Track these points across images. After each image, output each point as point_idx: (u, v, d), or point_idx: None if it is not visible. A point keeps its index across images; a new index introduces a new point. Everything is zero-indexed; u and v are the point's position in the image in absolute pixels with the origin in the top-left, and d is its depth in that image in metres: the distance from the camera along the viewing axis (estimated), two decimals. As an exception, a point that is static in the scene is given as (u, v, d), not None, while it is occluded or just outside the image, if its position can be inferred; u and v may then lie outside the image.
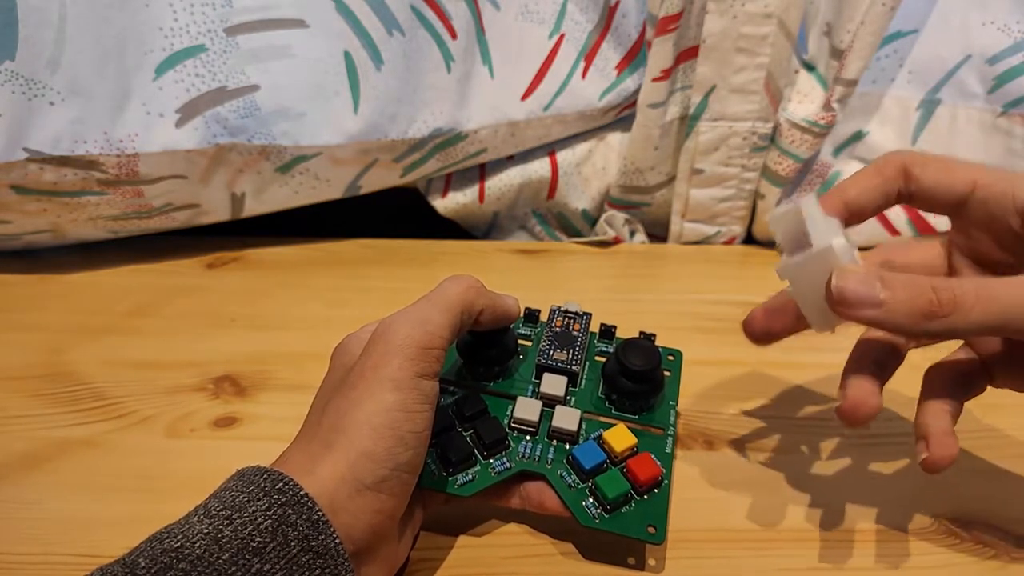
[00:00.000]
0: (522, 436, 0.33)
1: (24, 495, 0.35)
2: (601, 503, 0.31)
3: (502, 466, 0.32)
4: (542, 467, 0.32)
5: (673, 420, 0.35)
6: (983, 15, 0.49)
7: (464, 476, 0.31)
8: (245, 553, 0.23)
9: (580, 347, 0.36)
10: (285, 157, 0.48)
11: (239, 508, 0.24)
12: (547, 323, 0.37)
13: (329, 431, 0.27)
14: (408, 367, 0.28)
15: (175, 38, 0.44)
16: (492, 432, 0.32)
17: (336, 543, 0.25)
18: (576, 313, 0.37)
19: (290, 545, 0.24)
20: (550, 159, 0.57)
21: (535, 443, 0.33)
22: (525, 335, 0.38)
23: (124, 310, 0.48)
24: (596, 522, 0.30)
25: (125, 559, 0.24)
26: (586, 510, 0.31)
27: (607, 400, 0.35)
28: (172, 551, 0.23)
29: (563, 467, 0.32)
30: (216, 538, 0.24)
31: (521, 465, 0.32)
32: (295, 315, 0.48)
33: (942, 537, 0.34)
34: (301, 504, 0.25)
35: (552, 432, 0.33)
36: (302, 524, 0.24)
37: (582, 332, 0.36)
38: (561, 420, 0.33)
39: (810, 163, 0.55)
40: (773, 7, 0.48)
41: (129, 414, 0.40)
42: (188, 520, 0.25)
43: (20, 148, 0.42)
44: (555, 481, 0.32)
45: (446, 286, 0.31)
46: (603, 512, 0.31)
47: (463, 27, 0.50)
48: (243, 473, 0.26)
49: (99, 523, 0.34)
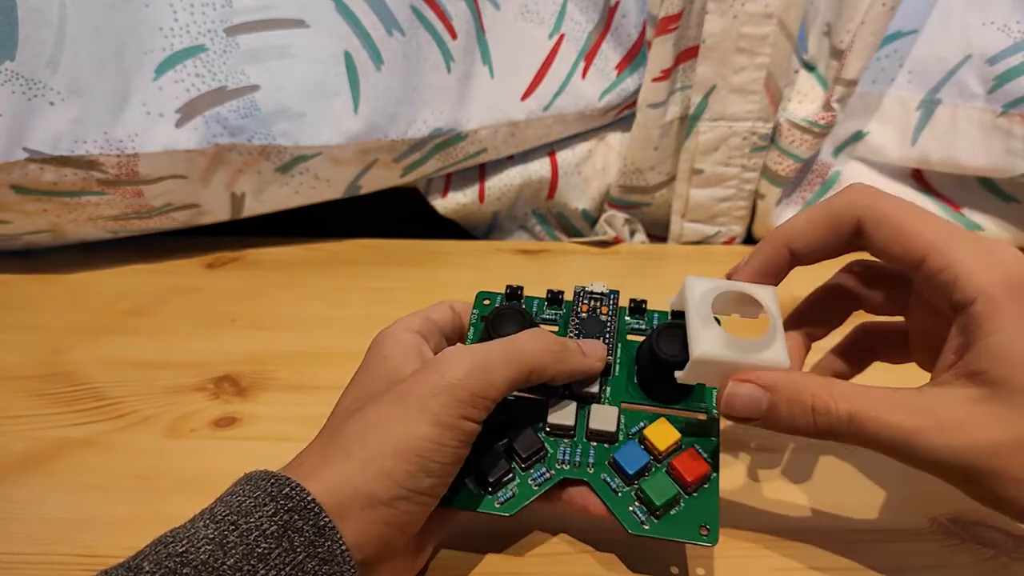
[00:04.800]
0: (559, 440, 0.31)
1: (24, 495, 0.35)
2: (648, 508, 0.30)
3: (542, 476, 0.30)
4: (583, 472, 0.30)
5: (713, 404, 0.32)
6: (983, 15, 0.49)
7: (504, 493, 0.30)
8: (250, 559, 0.23)
9: (611, 333, 0.33)
10: (285, 157, 0.48)
11: (245, 513, 0.24)
12: (572, 307, 0.34)
13: (352, 440, 0.26)
14: (454, 408, 0.27)
15: (175, 38, 0.44)
16: (528, 445, 0.30)
17: (343, 550, 0.24)
18: (602, 293, 0.35)
19: (296, 551, 0.24)
20: (550, 159, 0.57)
21: (573, 446, 0.31)
22: (550, 319, 0.35)
23: (124, 310, 0.48)
24: (645, 528, 0.29)
25: (129, 562, 0.23)
26: (633, 516, 0.29)
27: (643, 388, 0.33)
28: (177, 555, 0.23)
29: (605, 470, 0.31)
30: (221, 543, 0.23)
31: (562, 473, 0.30)
32: (295, 315, 0.48)
33: (942, 537, 0.34)
34: (307, 510, 0.24)
35: (590, 434, 0.31)
36: (308, 530, 0.24)
37: (611, 314, 0.34)
38: (598, 421, 0.31)
39: (810, 163, 0.55)
40: (773, 7, 0.48)
41: (129, 414, 0.40)
42: (194, 524, 0.24)
43: (20, 148, 0.42)
44: (599, 487, 0.30)
45: (524, 339, 0.29)
46: (652, 517, 0.29)
47: (463, 27, 0.50)
48: (250, 477, 0.26)
49: (99, 523, 0.34)
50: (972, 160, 0.51)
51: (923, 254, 0.27)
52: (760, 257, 0.31)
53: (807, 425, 0.27)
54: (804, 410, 0.27)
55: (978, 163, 0.51)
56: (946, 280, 0.26)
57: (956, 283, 0.26)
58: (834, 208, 0.29)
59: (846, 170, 0.55)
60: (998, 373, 0.24)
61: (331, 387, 0.42)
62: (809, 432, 0.27)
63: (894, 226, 0.27)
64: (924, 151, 0.52)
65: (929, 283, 0.27)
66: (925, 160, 0.53)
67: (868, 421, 0.26)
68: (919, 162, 0.53)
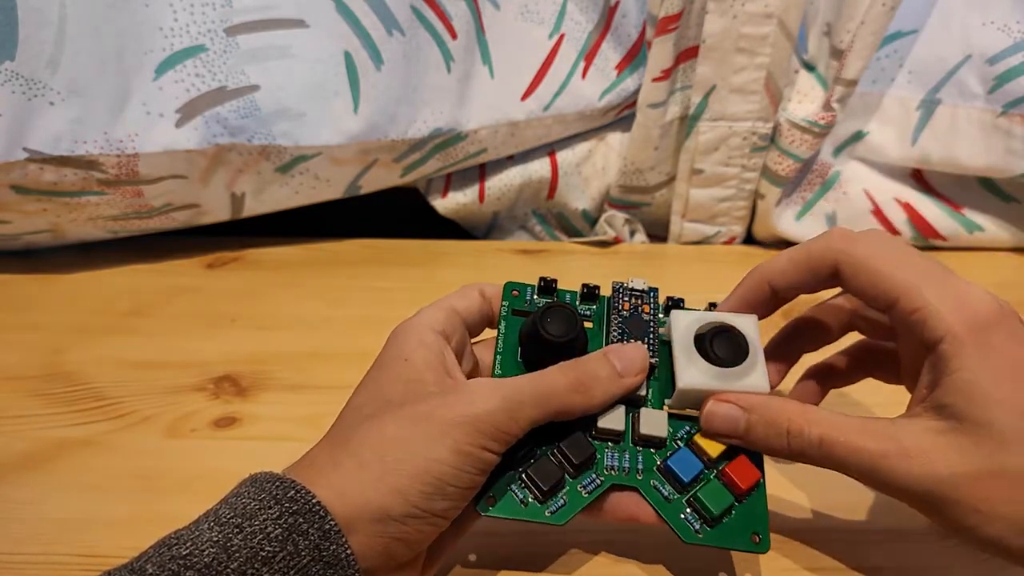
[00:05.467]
0: (605, 444, 0.30)
1: (24, 495, 0.35)
2: (703, 516, 0.29)
3: (591, 483, 0.29)
4: (632, 479, 0.30)
5: None
6: (983, 15, 0.49)
7: (555, 502, 0.29)
8: (254, 562, 0.23)
9: (654, 333, 0.32)
10: (285, 157, 0.48)
11: (249, 516, 0.24)
12: (612, 305, 0.33)
13: (367, 450, 0.26)
14: (476, 439, 0.26)
15: (175, 38, 0.44)
16: (580, 451, 0.29)
17: (348, 553, 0.24)
18: (643, 291, 0.34)
19: (301, 555, 0.24)
20: (550, 159, 0.57)
21: (621, 451, 0.30)
22: (585, 315, 0.33)
23: (124, 310, 0.48)
24: (700, 537, 0.29)
25: (133, 564, 0.23)
26: (687, 524, 0.29)
27: None
28: (180, 558, 0.23)
29: (655, 476, 0.30)
30: (225, 546, 0.23)
31: (611, 479, 0.29)
32: (295, 315, 0.48)
33: (942, 537, 0.34)
34: (313, 513, 0.24)
35: (639, 439, 0.30)
36: (314, 533, 0.24)
37: (652, 313, 0.33)
38: (649, 426, 0.30)
39: (810, 163, 0.55)
40: (773, 7, 0.48)
41: (129, 414, 0.40)
42: (198, 527, 0.24)
43: (20, 148, 0.42)
44: (650, 495, 0.29)
45: (556, 379, 0.28)
46: (706, 525, 0.29)
47: (463, 27, 0.50)
48: (255, 479, 0.26)
49: (99, 523, 0.34)
50: (972, 160, 0.51)
51: (896, 296, 0.28)
52: (742, 291, 0.33)
53: (781, 447, 0.29)
54: (779, 432, 0.29)
55: (978, 163, 0.51)
56: (917, 320, 0.27)
57: (926, 324, 0.27)
58: (813, 252, 0.30)
59: (846, 170, 0.55)
60: (961, 408, 0.26)
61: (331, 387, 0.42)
62: (783, 453, 0.29)
63: (869, 271, 0.29)
64: (924, 151, 0.52)
65: (903, 323, 0.28)
66: (925, 160, 0.53)
67: (837, 445, 0.27)
68: (919, 162, 0.53)
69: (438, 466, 0.26)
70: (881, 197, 0.55)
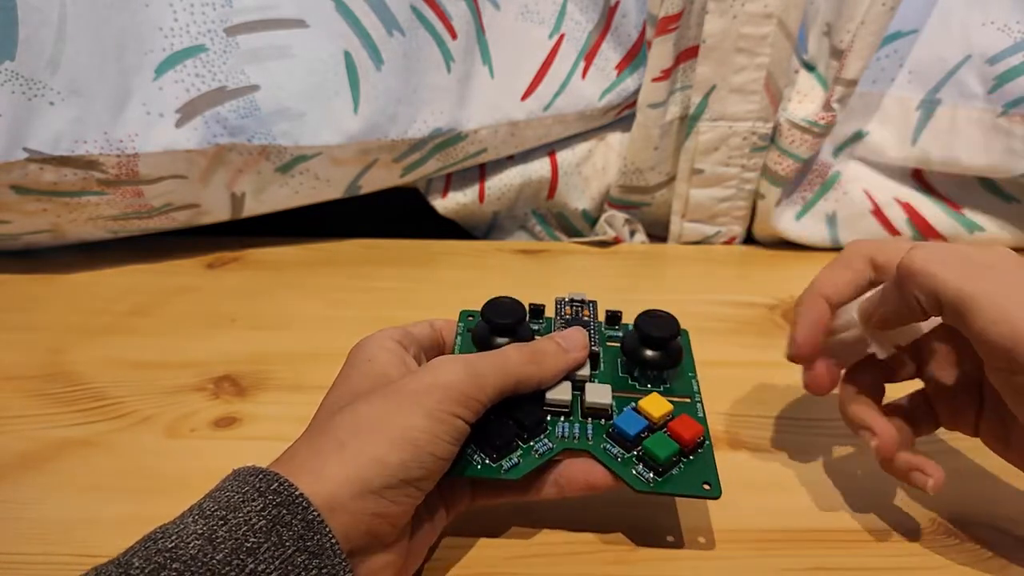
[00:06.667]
0: (557, 418, 0.33)
1: (24, 495, 0.35)
2: (652, 466, 0.31)
3: (544, 447, 0.31)
4: (583, 444, 0.32)
5: (696, 389, 0.35)
6: (983, 15, 0.49)
7: (508, 461, 0.31)
8: (239, 553, 0.23)
9: (594, 330, 0.36)
10: (285, 157, 0.48)
11: (234, 508, 0.24)
12: (556, 312, 0.37)
13: (344, 431, 0.27)
14: (447, 405, 0.28)
15: (175, 38, 0.44)
16: (530, 415, 0.32)
17: (332, 543, 0.25)
18: (582, 301, 0.37)
19: (285, 545, 0.24)
20: (550, 159, 0.57)
21: (571, 423, 0.33)
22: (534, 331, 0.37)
23: (124, 310, 0.48)
24: (651, 486, 0.30)
25: (119, 559, 0.24)
26: (639, 477, 0.31)
27: (630, 377, 0.35)
28: (166, 551, 0.23)
29: (605, 441, 0.32)
30: (210, 538, 0.24)
31: (563, 444, 0.32)
32: (295, 315, 0.48)
33: (942, 537, 0.34)
34: (296, 504, 0.25)
35: (587, 410, 0.33)
36: (297, 524, 0.24)
37: (592, 318, 0.37)
38: (595, 396, 0.33)
39: (810, 163, 0.55)
40: (773, 7, 0.48)
41: (129, 414, 0.40)
42: (183, 520, 0.25)
43: (20, 148, 0.42)
44: (600, 455, 0.31)
45: (510, 352, 0.31)
46: (655, 476, 0.31)
47: (463, 27, 0.50)
48: (238, 473, 0.26)
49: (99, 523, 0.34)
50: (972, 160, 0.51)
51: None
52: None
53: None
54: None
55: (978, 163, 0.51)
56: None
57: None
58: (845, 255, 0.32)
59: (846, 170, 0.55)
60: None
61: (331, 387, 0.42)
62: None
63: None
64: (924, 151, 0.52)
65: None
66: (925, 160, 0.53)
67: None
68: (919, 162, 0.53)
69: (413, 432, 0.27)
70: (881, 197, 0.55)
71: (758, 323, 0.48)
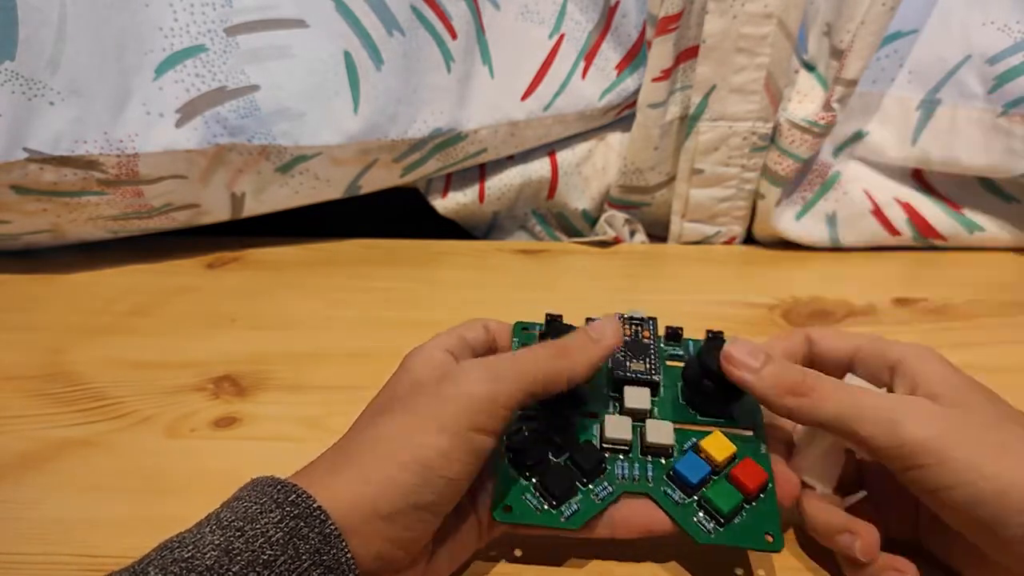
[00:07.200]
0: (615, 457, 0.31)
1: (24, 495, 0.35)
2: (714, 517, 0.30)
3: (604, 491, 0.30)
4: (643, 486, 0.30)
5: (760, 420, 0.33)
6: (983, 15, 0.49)
7: (568, 508, 0.30)
8: (256, 566, 0.23)
9: (654, 354, 0.34)
10: (285, 157, 0.48)
11: (251, 519, 0.24)
12: None
13: (363, 449, 0.27)
14: (463, 418, 0.27)
15: (175, 38, 0.44)
16: (589, 458, 0.30)
17: (348, 558, 0.24)
18: (642, 319, 0.36)
19: (301, 558, 0.24)
20: (550, 159, 0.57)
21: (630, 462, 0.31)
22: None
23: (124, 310, 0.48)
24: (712, 537, 0.29)
25: (135, 567, 0.23)
26: (699, 526, 0.29)
27: (690, 406, 0.33)
28: (183, 561, 0.23)
29: (665, 483, 0.31)
30: (227, 550, 0.23)
31: (623, 487, 0.30)
32: (295, 315, 0.48)
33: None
34: (314, 517, 0.24)
35: (646, 448, 0.32)
36: (314, 537, 0.24)
37: (652, 338, 0.35)
38: (655, 435, 0.31)
39: (810, 163, 0.55)
40: (773, 7, 0.48)
41: (129, 414, 0.40)
42: (200, 530, 0.24)
43: (20, 148, 0.42)
44: (661, 499, 0.30)
45: (537, 348, 0.30)
46: (717, 526, 0.29)
47: (463, 27, 0.50)
48: (256, 483, 0.26)
49: (99, 523, 0.34)
50: (972, 160, 0.51)
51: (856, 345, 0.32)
52: None
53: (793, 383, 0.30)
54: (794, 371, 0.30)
55: (978, 163, 0.51)
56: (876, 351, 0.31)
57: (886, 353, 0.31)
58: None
59: (846, 170, 0.55)
60: None
61: (331, 387, 0.42)
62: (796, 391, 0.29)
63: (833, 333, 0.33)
64: (924, 151, 0.52)
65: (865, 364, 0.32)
66: (925, 160, 0.53)
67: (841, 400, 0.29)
68: (919, 162, 0.53)
69: (424, 451, 0.26)
70: (881, 197, 0.55)
71: (758, 323, 0.48)
